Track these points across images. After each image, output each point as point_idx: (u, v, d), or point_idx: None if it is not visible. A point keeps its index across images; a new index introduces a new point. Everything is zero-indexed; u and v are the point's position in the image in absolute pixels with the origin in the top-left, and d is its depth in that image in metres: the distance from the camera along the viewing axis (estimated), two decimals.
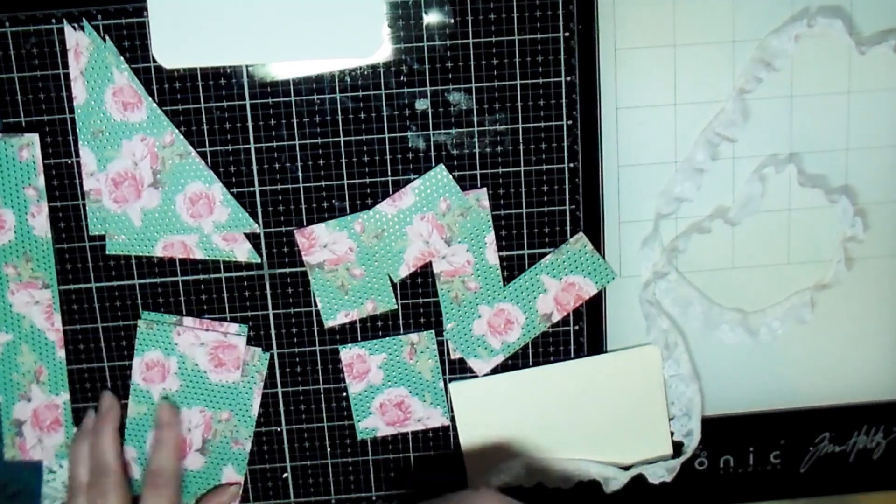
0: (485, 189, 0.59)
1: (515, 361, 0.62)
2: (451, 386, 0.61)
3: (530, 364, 0.62)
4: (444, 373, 0.61)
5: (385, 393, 0.61)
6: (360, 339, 0.61)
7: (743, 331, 0.61)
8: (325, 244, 0.59)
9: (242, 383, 0.60)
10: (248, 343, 0.60)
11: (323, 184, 0.59)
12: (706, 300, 0.61)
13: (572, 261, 0.60)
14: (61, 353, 0.60)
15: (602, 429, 0.62)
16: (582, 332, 0.62)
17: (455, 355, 0.61)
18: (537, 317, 0.61)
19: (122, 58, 0.56)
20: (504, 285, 0.60)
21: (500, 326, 0.61)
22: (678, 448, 0.63)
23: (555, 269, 0.60)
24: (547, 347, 0.62)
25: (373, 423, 0.62)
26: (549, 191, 0.59)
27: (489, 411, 0.62)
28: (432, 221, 0.59)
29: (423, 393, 0.61)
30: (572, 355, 0.62)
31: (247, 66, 0.57)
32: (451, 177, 0.58)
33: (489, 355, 0.61)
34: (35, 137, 0.57)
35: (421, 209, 0.59)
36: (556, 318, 0.61)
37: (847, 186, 0.61)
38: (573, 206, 0.60)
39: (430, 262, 0.60)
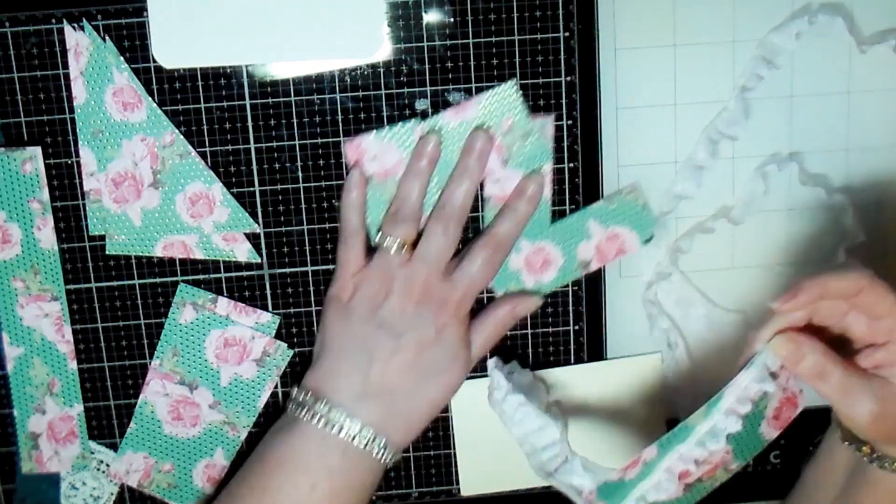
0: (552, 116, 0.58)
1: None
2: None
3: (530, 366, 0.62)
4: None
5: None
6: None
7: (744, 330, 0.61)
8: (374, 156, 0.57)
9: (258, 373, 0.60)
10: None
11: (323, 184, 0.59)
12: (708, 301, 0.61)
13: (622, 210, 0.59)
14: (73, 365, 0.60)
15: (600, 434, 0.62)
16: (582, 333, 0.62)
17: None
18: (576, 262, 0.60)
19: (122, 58, 0.56)
20: (551, 222, 0.60)
21: (537, 265, 0.60)
22: None
23: (604, 216, 0.59)
24: (547, 348, 0.62)
25: None
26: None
27: (488, 411, 0.62)
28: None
29: None
30: (572, 356, 0.62)
31: (247, 66, 0.57)
32: (521, 95, 0.57)
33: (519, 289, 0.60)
34: (38, 151, 0.57)
35: (483, 124, 0.57)
36: (594, 266, 0.60)
37: (847, 186, 0.60)
38: (573, 206, 0.60)
39: (483, 183, 0.58)
